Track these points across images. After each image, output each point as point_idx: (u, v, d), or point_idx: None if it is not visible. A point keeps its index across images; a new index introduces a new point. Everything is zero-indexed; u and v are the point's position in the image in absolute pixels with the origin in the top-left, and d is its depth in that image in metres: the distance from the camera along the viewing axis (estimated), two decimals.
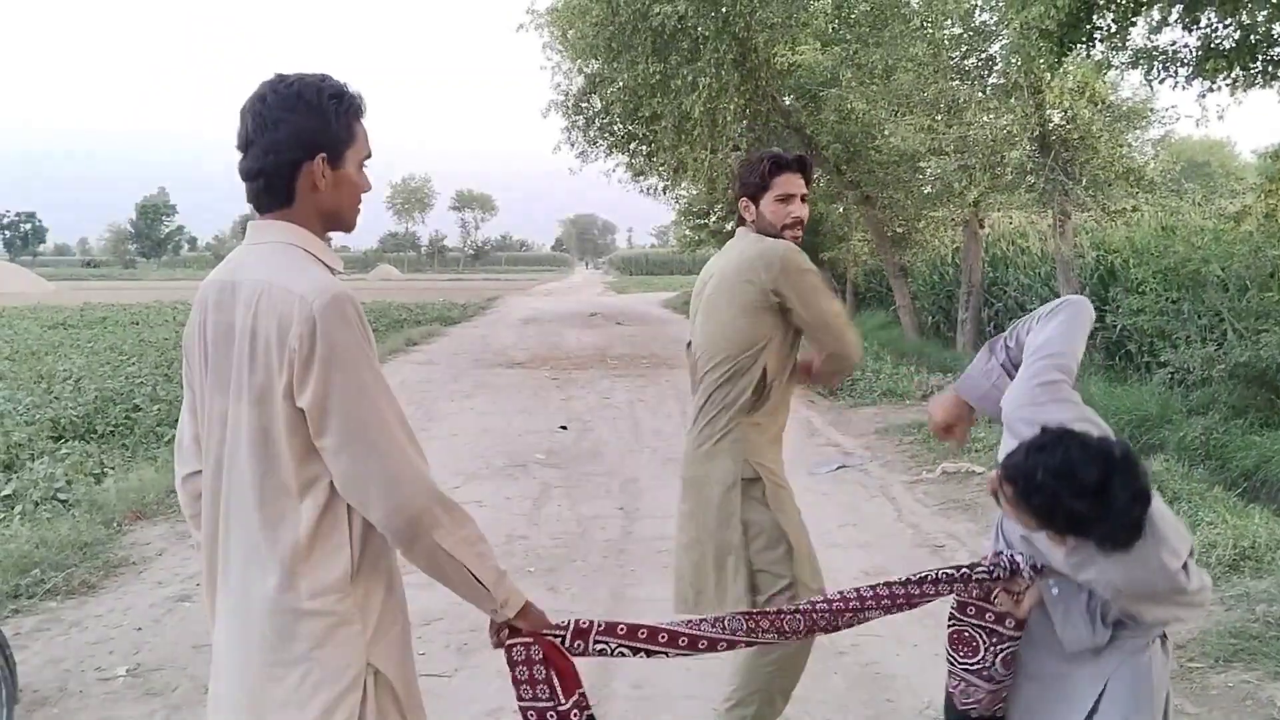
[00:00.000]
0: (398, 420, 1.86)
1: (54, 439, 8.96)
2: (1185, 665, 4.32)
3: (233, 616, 1.94)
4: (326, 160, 1.93)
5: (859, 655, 4.46)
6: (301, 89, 1.91)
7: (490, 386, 13.76)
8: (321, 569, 1.85)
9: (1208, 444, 8.11)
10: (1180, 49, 9.56)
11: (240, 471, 1.89)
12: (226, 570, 1.95)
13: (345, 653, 1.86)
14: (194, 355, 2.00)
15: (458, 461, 8.69)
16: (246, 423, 1.86)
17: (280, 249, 1.91)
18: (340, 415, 1.79)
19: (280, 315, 1.80)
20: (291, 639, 1.85)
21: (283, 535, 1.85)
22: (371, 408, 1.82)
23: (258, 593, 1.88)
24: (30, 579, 5.36)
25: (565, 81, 21.25)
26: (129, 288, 51.46)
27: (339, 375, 1.79)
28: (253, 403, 1.85)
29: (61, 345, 17.89)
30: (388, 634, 1.94)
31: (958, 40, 14.91)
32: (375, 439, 1.81)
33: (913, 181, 17.30)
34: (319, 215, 1.97)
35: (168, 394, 11.23)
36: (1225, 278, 10.01)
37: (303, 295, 1.80)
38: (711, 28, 15.23)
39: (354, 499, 1.84)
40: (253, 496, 1.87)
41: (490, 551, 1.96)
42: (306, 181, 1.92)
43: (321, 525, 1.85)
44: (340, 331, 1.80)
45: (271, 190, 1.93)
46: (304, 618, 1.84)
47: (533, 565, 5.85)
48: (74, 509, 6.66)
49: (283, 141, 1.89)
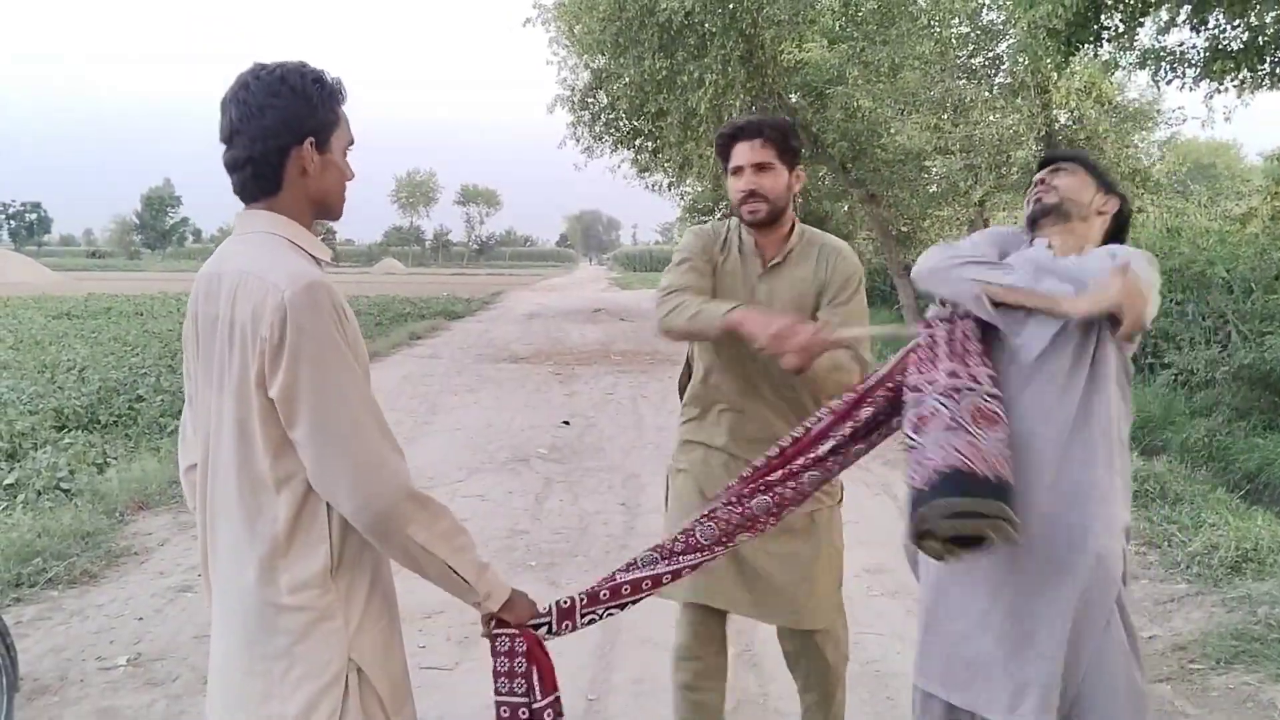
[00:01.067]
0: (370, 413, 1.83)
1: (57, 428, 8.97)
2: (1186, 666, 4.32)
3: (219, 609, 1.94)
4: (315, 145, 1.92)
5: (859, 653, 4.45)
6: (285, 74, 1.89)
7: (493, 381, 13.76)
8: (300, 563, 1.84)
9: (1211, 446, 8.10)
10: (1188, 50, 9.56)
11: (224, 464, 1.88)
12: (214, 563, 1.96)
13: (326, 648, 1.85)
14: (189, 347, 2.00)
15: (460, 456, 8.70)
16: (228, 414, 1.85)
17: (264, 238, 1.90)
18: (308, 406, 1.77)
19: (255, 304, 1.79)
20: (272, 633, 1.84)
21: (261, 529, 1.84)
22: (341, 399, 1.79)
23: (239, 586, 1.87)
24: (32, 568, 5.36)
25: (571, 77, 21.24)
26: (133, 278, 51.54)
27: (307, 366, 1.76)
28: (232, 394, 1.84)
29: (66, 335, 17.90)
30: (371, 630, 1.92)
31: (965, 39, 14.91)
32: (344, 431, 1.78)
33: (918, 180, 17.30)
34: (308, 202, 1.96)
35: (171, 385, 11.23)
36: (1230, 279, 10.00)
37: (276, 284, 1.78)
38: (718, 24, 15.22)
39: (324, 492, 1.82)
40: (234, 489, 1.87)
41: (470, 544, 1.94)
42: (295, 167, 1.91)
43: (300, 519, 1.84)
44: (311, 321, 1.77)
45: (260, 178, 1.91)
46: (284, 612, 1.83)
47: (534, 560, 5.85)
48: (76, 498, 6.66)
49: (270, 127, 1.87)
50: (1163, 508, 6.42)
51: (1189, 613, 4.91)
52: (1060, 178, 2.57)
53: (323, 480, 1.80)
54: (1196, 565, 5.42)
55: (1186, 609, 4.96)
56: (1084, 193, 2.56)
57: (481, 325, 24.22)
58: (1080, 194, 2.55)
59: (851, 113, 16.72)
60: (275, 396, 1.78)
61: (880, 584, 5.39)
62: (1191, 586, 5.22)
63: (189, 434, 2.07)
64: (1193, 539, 5.70)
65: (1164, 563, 5.61)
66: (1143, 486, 6.77)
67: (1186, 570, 5.42)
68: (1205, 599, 5.03)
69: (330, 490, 1.81)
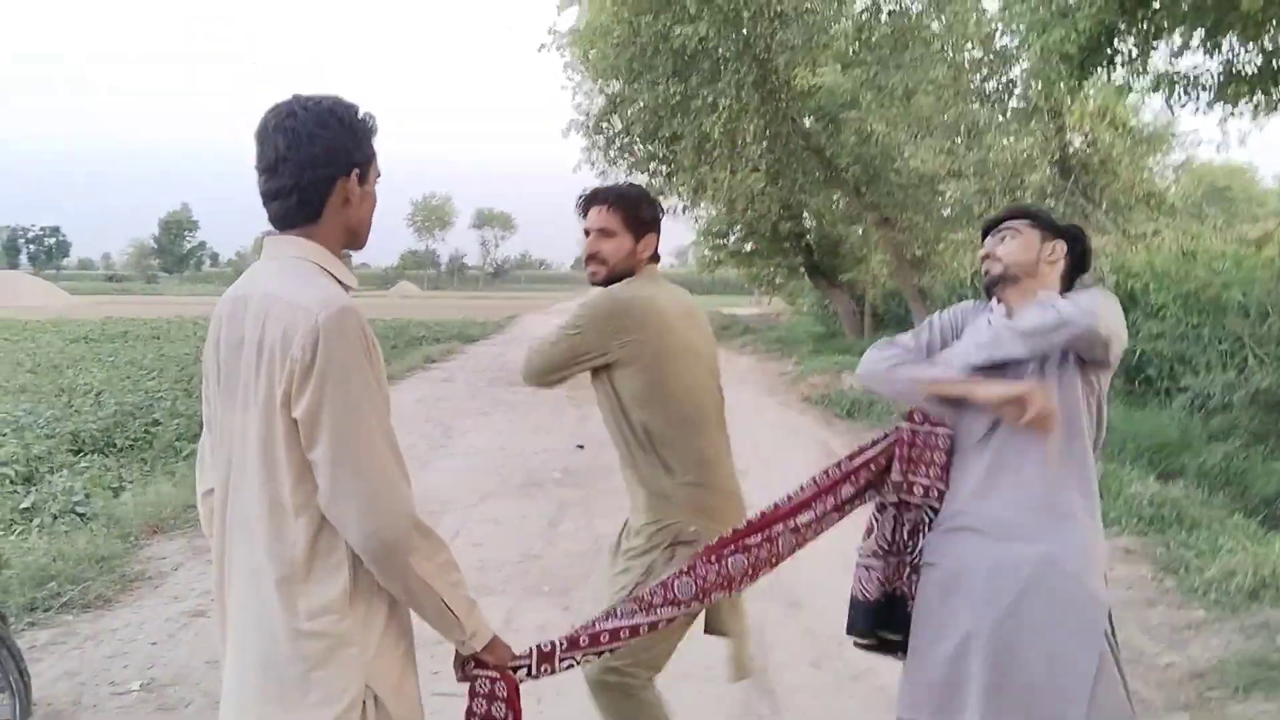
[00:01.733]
0: (386, 441, 1.85)
1: (73, 452, 9.02)
2: (1204, 694, 4.28)
3: (234, 634, 1.94)
4: (359, 176, 1.95)
5: (874, 679, 4.42)
6: (332, 106, 1.92)
7: (507, 404, 13.78)
8: (319, 589, 1.84)
9: (1228, 470, 8.04)
10: (1202, 73, 9.53)
11: (246, 486, 1.89)
12: (230, 588, 1.95)
13: (344, 675, 1.84)
14: (210, 370, 2.00)
15: (474, 479, 8.70)
16: (253, 436, 1.86)
17: (294, 263, 1.92)
18: (329, 428, 1.78)
19: (285, 326, 1.80)
20: (290, 659, 1.84)
21: (281, 553, 1.84)
22: (361, 425, 1.81)
23: (257, 611, 1.88)
24: (47, 592, 5.38)
25: (586, 102, 21.35)
26: (150, 302, 51.83)
27: (333, 389, 1.78)
28: (257, 415, 1.85)
29: (82, 359, 18.01)
30: (388, 656, 1.92)
31: (978, 63, 14.93)
32: (360, 456, 1.80)
33: (932, 204, 17.30)
34: (343, 231, 1.98)
35: (187, 409, 11.28)
36: (1246, 303, 9.95)
37: (307, 307, 1.80)
38: (732, 49, 15.29)
39: (333, 516, 1.82)
40: (256, 512, 1.87)
41: (463, 581, 1.95)
42: (339, 197, 1.93)
43: (318, 543, 1.84)
44: (341, 345, 1.79)
45: (305, 204, 1.92)
46: (302, 638, 1.83)
47: (547, 585, 5.84)
48: (92, 523, 6.68)
49: (320, 156, 1.89)
50: (1179, 533, 6.38)
51: (1207, 640, 4.86)
52: (1004, 245, 2.70)
53: (333, 503, 1.81)
54: (1214, 591, 5.38)
55: (1204, 636, 4.91)
56: (1027, 252, 2.68)
57: (496, 349, 24.25)
58: (1023, 254, 2.67)
59: (865, 137, 16.74)
60: (299, 417, 1.79)
61: None
62: (1209, 613, 5.18)
63: (207, 458, 2.07)
64: (1210, 565, 5.65)
65: (1181, 589, 5.56)
66: (1159, 512, 6.73)
67: (1204, 596, 5.38)
68: (1223, 626, 4.98)
69: (340, 514, 1.81)
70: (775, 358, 23.53)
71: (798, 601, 5.46)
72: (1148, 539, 6.42)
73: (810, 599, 5.41)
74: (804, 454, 10.29)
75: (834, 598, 5.15)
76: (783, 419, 13.25)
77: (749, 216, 23.84)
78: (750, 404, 14.87)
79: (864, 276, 23.39)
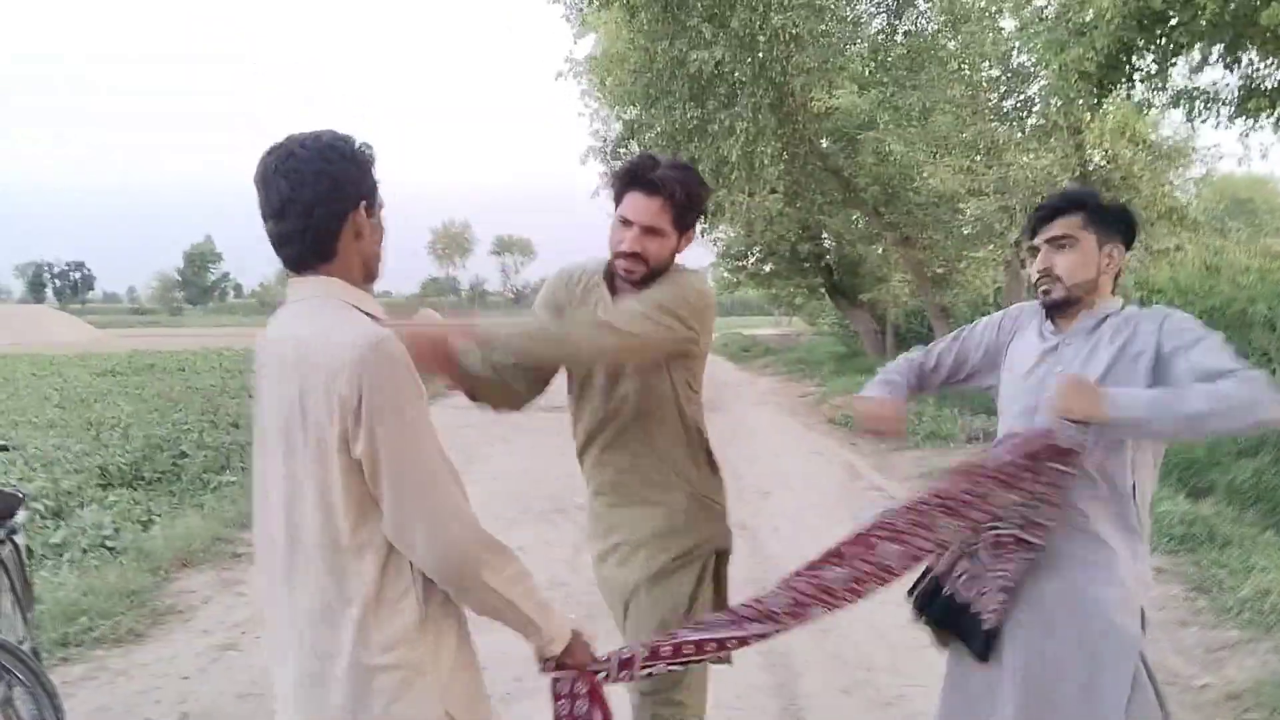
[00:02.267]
0: (443, 463, 1.86)
1: (102, 486, 9.07)
2: (1241, 717, 4.23)
3: (295, 672, 1.91)
4: (366, 208, 1.94)
5: (906, 705, 4.40)
6: (332, 140, 1.90)
7: (529, 429, 13.75)
8: (390, 621, 1.84)
9: (1258, 486, 7.96)
10: (1221, 89, 9.52)
11: (306, 530, 1.87)
12: (290, 631, 1.92)
13: (421, 706, 1.85)
14: (257, 421, 1.99)
15: (498, 506, 8.69)
16: (309, 481, 1.85)
17: (322, 304, 1.91)
18: (390, 462, 1.79)
19: (327, 367, 1.80)
20: (367, 696, 1.83)
21: (352, 591, 1.84)
22: (421, 452, 1.82)
23: (328, 653, 1.86)
24: (78, 627, 5.41)
25: (603, 128, 21.50)
26: (176, 335, 52.24)
27: (388, 421, 1.78)
28: (311, 459, 1.84)
29: (110, 392, 18.14)
30: (462, 678, 1.94)
31: (995, 82, 14.95)
32: (422, 482, 1.81)
33: (952, 222, 17.28)
34: (361, 264, 1.97)
35: (214, 440, 11.34)
36: (1272, 317, 9.87)
37: (345, 344, 1.80)
38: (748, 73, 15.33)
39: (401, 543, 1.83)
40: (318, 555, 1.86)
41: (536, 587, 1.96)
42: (350, 231, 1.92)
43: (385, 575, 1.84)
44: (387, 376, 1.80)
45: (318, 245, 1.90)
46: (378, 674, 1.83)
47: (573, 612, 5.82)
48: (121, 556, 6.71)
49: (327, 193, 1.87)
50: (1211, 551, 6.32)
51: (1242, 660, 4.80)
52: (1063, 258, 2.48)
53: (400, 532, 1.82)
54: (1248, 611, 5.32)
55: (1239, 656, 4.86)
56: (1088, 269, 2.47)
57: None
58: (1084, 273, 2.47)
59: (883, 157, 16.77)
60: (360, 455, 1.79)
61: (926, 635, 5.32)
62: (1243, 633, 5.12)
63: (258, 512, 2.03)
64: (1243, 584, 5.60)
65: (1214, 608, 5.51)
66: (1190, 530, 6.66)
67: (1238, 616, 5.32)
68: (1258, 646, 4.92)
69: (408, 541, 1.82)
70: (797, 379, 23.49)
71: (826, 627, 5.42)
72: (1178, 558, 6.36)
73: (839, 624, 5.37)
74: (828, 476, 10.26)
75: (863, 625, 5.15)
76: (805, 440, 13.22)
77: (768, 238, 23.91)
78: (771, 424, 14.84)
79: (885, 296, 23.39)
